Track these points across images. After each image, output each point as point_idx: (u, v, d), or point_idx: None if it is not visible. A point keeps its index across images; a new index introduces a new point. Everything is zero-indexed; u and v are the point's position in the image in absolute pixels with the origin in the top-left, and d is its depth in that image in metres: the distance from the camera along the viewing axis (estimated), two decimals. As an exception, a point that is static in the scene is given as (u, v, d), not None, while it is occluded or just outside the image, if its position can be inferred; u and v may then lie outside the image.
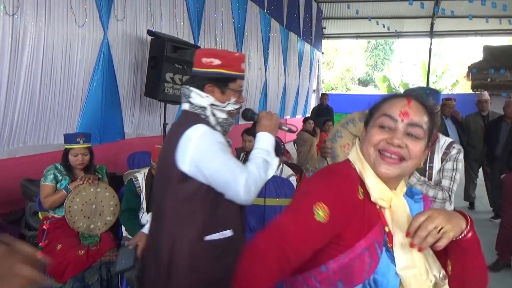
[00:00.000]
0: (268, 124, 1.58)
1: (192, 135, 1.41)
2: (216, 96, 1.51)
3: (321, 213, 0.92)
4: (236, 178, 1.38)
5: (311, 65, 14.50)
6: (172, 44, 4.77)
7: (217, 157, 1.39)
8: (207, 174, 1.40)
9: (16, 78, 3.58)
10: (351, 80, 29.41)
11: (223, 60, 1.49)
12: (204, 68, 1.49)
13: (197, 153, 1.39)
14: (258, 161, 1.48)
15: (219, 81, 1.50)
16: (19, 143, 3.79)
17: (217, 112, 1.51)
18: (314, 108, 9.18)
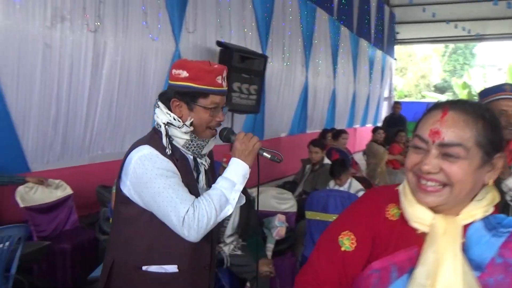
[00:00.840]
0: (242, 149, 1.34)
1: (133, 157, 1.29)
2: (183, 113, 1.34)
3: (346, 242, 0.91)
4: (174, 210, 1.21)
5: (383, 72, 13.91)
6: (240, 54, 4.84)
7: (152, 185, 1.23)
8: (145, 201, 1.28)
9: (96, 90, 3.85)
10: (426, 87, 27.79)
11: (191, 72, 1.30)
12: (173, 81, 1.34)
13: (133, 177, 1.27)
14: (212, 194, 1.28)
15: (186, 95, 1.32)
16: (98, 151, 4.06)
17: (175, 133, 1.33)
18: (386, 117, 8.77)
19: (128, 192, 1.30)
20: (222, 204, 1.28)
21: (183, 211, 1.20)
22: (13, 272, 2.14)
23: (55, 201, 3.21)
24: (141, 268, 1.33)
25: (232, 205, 1.31)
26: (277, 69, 6.96)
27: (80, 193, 3.55)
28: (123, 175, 1.32)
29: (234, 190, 1.31)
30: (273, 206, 3.28)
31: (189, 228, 1.20)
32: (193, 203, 1.23)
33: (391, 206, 0.91)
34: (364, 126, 12.72)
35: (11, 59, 3.15)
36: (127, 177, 1.29)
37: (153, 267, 1.33)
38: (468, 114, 0.83)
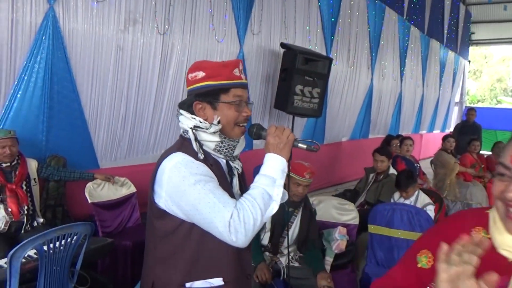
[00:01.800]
0: (276, 143, 1.26)
1: (166, 166, 1.21)
2: (208, 114, 1.28)
3: (424, 260, 0.92)
4: (219, 216, 1.13)
5: (455, 75, 13.01)
6: (303, 56, 4.73)
7: (192, 192, 1.15)
8: (185, 211, 1.19)
9: (162, 90, 3.96)
10: (502, 92, 25.65)
11: (207, 70, 1.26)
12: (191, 85, 1.29)
13: (170, 187, 1.19)
14: (254, 194, 1.19)
15: (207, 95, 1.27)
16: (162, 150, 4.16)
17: (204, 136, 1.27)
18: (458, 124, 8.15)
19: (165, 204, 1.22)
20: (266, 202, 1.20)
21: (228, 215, 1.13)
22: (78, 268, 2.23)
23: (120, 198, 3.33)
24: (184, 285, 1.25)
25: (276, 202, 1.24)
26: (341, 71, 6.74)
27: (143, 190, 3.65)
28: (157, 187, 1.24)
29: (276, 186, 1.23)
30: (333, 217, 3.14)
31: (237, 232, 1.13)
32: (236, 206, 1.16)
33: (478, 229, 0.88)
34: (432, 133, 12.00)
35: (86, 61, 3.32)
36: (162, 188, 1.21)
37: (198, 283, 1.26)
38: None
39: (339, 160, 7.26)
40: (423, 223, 2.93)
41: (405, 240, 2.95)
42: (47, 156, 3.11)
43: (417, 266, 0.92)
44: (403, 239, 2.96)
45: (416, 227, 2.93)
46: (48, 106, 3.13)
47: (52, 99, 3.16)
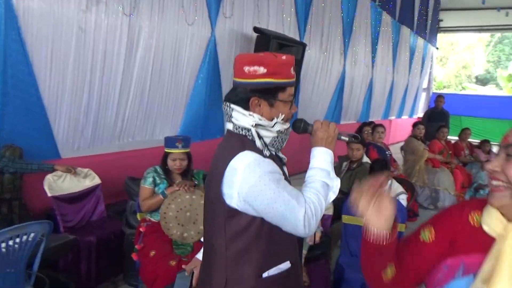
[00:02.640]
0: (325, 137, 1.34)
1: (238, 167, 1.21)
2: (264, 110, 1.29)
3: (426, 234, 1.01)
4: (294, 212, 1.19)
5: (423, 62, 13.23)
6: (277, 41, 4.60)
7: (267, 191, 1.18)
8: (259, 210, 1.21)
9: (129, 76, 3.74)
10: (467, 78, 26.47)
11: (269, 67, 1.25)
12: (248, 79, 1.27)
13: (244, 188, 1.20)
14: (316, 186, 1.28)
15: (266, 93, 1.28)
16: (129, 138, 3.98)
17: (264, 133, 1.30)
18: (427, 111, 8.28)
19: (237, 204, 1.23)
20: (326, 193, 1.29)
21: (302, 211, 1.20)
22: (35, 269, 2.07)
23: (83, 191, 3.15)
24: (261, 276, 1.28)
25: (334, 192, 1.32)
26: (314, 57, 6.66)
27: (109, 181, 3.48)
28: (226, 189, 1.23)
29: (331, 178, 1.32)
30: (307, 208, 3.09)
31: (309, 225, 1.21)
32: (306, 201, 1.23)
33: (475, 212, 0.96)
34: (400, 118, 12.23)
35: (44, 43, 3.06)
36: (234, 189, 1.21)
37: (272, 270, 1.30)
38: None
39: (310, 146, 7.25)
40: (397, 213, 2.92)
41: (378, 230, 2.94)
42: (1, 147, 2.87)
43: (420, 239, 1.01)
44: (376, 229, 2.95)
45: (389, 218, 2.93)
46: (1, 92, 2.88)
47: (6, 83, 2.91)
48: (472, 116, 14.09)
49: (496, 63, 26.75)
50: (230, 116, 1.31)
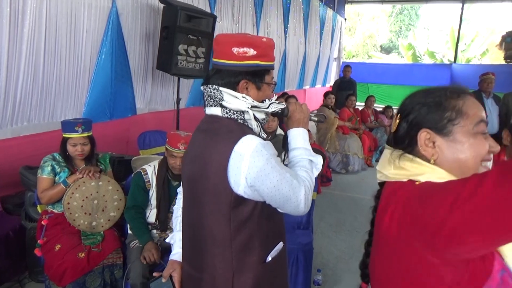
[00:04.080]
0: (302, 118, 1.39)
1: (244, 152, 1.18)
2: (252, 93, 1.29)
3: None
4: (296, 191, 1.22)
5: (333, 32, 13.77)
6: (186, 13, 4.39)
7: (274, 173, 1.19)
8: (265, 193, 1.21)
9: (17, 52, 3.31)
10: (373, 47, 28.28)
11: (259, 49, 1.24)
12: (237, 60, 1.23)
13: (252, 172, 1.18)
14: (305, 164, 1.32)
15: (255, 76, 1.28)
16: (23, 122, 3.57)
17: (258, 115, 1.31)
18: (336, 81, 8.70)
19: (244, 190, 1.20)
20: (313, 170, 1.34)
21: (302, 190, 1.23)
22: None
23: (-30, 185, 2.78)
24: (265, 261, 1.31)
25: (318, 168, 1.36)
26: (226, 29, 6.54)
27: (3, 171, 3.12)
28: (233, 176, 1.19)
29: (313, 155, 1.36)
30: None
31: (307, 202, 1.25)
32: (302, 179, 1.25)
33: None
34: (314, 87, 12.72)
35: None
36: (241, 175, 1.18)
37: (272, 253, 1.34)
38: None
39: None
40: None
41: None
42: None
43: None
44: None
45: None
46: None
47: None
48: (378, 83, 15.16)
49: (398, 32, 28.89)
50: (220, 100, 1.26)
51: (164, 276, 1.45)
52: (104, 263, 2.27)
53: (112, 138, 4.51)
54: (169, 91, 5.22)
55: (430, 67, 16.03)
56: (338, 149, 6.28)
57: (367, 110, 7.45)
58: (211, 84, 1.28)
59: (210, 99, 1.28)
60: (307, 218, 3.04)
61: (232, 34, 1.30)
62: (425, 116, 0.92)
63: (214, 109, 1.28)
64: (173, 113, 4.97)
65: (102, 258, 2.26)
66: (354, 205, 4.87)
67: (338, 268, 3.33)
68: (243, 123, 1.28)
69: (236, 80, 1.25)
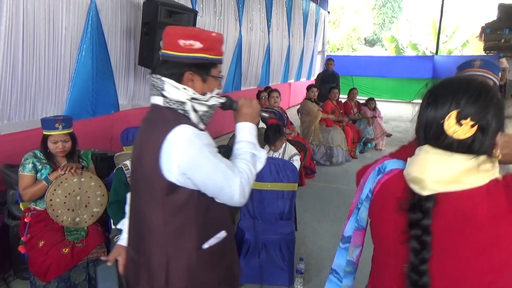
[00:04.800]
0: (250, 113, 1.42)
1: (176, 140, 1.21)
2: (197, 85, 1.31)
3: None
4: (230, 182, 1.24)
5: (317, 25, 13.85)
6: (166, 8, 4.39)
7: (207, 163, 1.22)
8: (198, 182, 1.24)
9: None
10: (357, 40, 28.48)
11: (205, 42, 1.28)
12: (183, 52, 1.26)
13: (184, 161, 1.21)
14: (247, 157, 1.35)
15: (201, 68, 1.30)
16: (3, 120, 3.54)
17: (198, 106, 1.32)
18: (319, 74, 8.77)
19: (177, 178, 1.23)
20: (255, 163, 1.36)
21: (238, 181, 1.24)
22: None
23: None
24: (201, 248, 1.34)
25: (262, 162, 1.39)
26: (208, 24, 6.53)
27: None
28: (165, 163, 1.22)
29: (258, 150, 1.39)
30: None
31: (244, 194, 1.27)
32: (240, 170, 1.28)
33: None
34: (299, 81, 12.79)
35: None
36: (172, 163, 1.21)
37: (211, 241, 1.36)
38: None
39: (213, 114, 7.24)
40: (290, 174, 3.12)
41: (274, 191, 3.11)
42: None
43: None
44: (272, 190, 3.12)
45: (283, 179, 3.11)
46: None
47: None
48: (361, 76, 15.33)
49: (381, 25, 29.14)
50: (161, 89, 1.29)
51: (110, 260, 1.49)
52: (89, 257, 2.30)
53: (96, 135, 4.50)
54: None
55: (412, 59, 16.25)
56: (321, 141, 6.36)
57: (350, 102, 7.54)
58: (156, 74, 1.31)
59: (153, 88, 1.32)
60: (289, 209, 3.10)
61: (181, 27, 1.34)
62: (500, 120, 0.96)
63: (156, 98, 1.31)
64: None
65: (86, 253, 2.29)
66: (338, 195, 4.95)
67: (321, 257, 3.41)
68: (184, 113, 1.30)
69: (181, 71, 1.28)
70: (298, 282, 2.93)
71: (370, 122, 7.38)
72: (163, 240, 1.30)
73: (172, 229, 1.29)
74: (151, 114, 1.35)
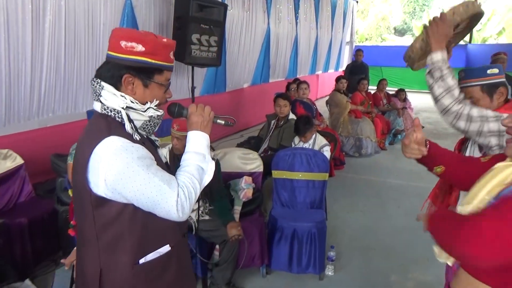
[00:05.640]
0: (200, 122, 1.33)
1: (102, 153, 1.15)
2: (137, 90, 1.25)
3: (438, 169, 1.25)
4: (165, 197, 1.16)
5: (345, 16, 13.66)
6: (197, 3, 4.51)
7: (138, 177, 1.15)
8: (128, 197, 1.17)
9: (40, 46, 3.49)
10: (386, 30, 27.83)
11: (148, 46, 1.21)
12: (123, 54, 1.20)
13: (111, 175, 1.14)
14: (191, 170, 1.26)
15: (142, 72, 1.23)
16: (49, 113, 3.77)
17: (135, 116, 1.25)
18: (348, 65, 8.71)
19: (105, 192, 1.17)
20: (201, 176, 1.28)
21: (174, 195, 1.17)
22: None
23: (4, 173, 2.98)
24: (138, 263, 1.27)
25: (209, 175, 1.31)
26: (237, 17, 6.62)
27: (33, 160, 3.32)
28: (91, 176, 1.17)
29: (206, 161, 1.31)
30: (239, 167, 3.23)
31: (183, 209, 1.18)
32: (179, 185, 1.20)
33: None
34: (326, 72, 12.71)
35: None
36: (99, 177, 1.15)
37: (149, 256, 1.29)
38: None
39: (242, 106, 7.36)
40: (320, 164, 3.18)
41: (305, 180, 3.19)
42: None
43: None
44: (303, 180, 3.19)
45: (314, 168, 3.17)
46: None
47: None
48: (391, 66, 15.04)
49: (412, 13, 28.32)
50: (98, 95, 1.23)
51: (66, 264, 1.52)
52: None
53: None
54: (184, 80, 5.36)
55: (444, 48, 15.76)
56: (350, 132, 6.35)
57: (380, 93, 7.47)
58: (97, 76, 1.25)
59: (93, 92, 1.25)
60: (319, 198, 3.17)
61: (126, 29, 1.31)
62: None
63: (95, 103, 1.25)
64: (188, 101, 5.12)
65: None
66: (367, 187, 4.97)
67: (351, 246, 3.46)
68: (121, 121, 1.23)
69: (119, 73, 1.22)
70: (329, 269, 3.00)
71: (400, 113, 7.30)
72: (96, 253, 1.25)
73: (104, 242, 1.24)
74: (89, 122, 1.30)
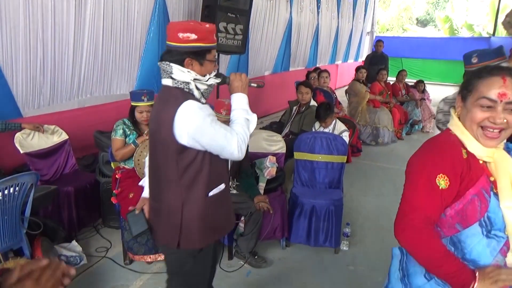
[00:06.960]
0: (240, 85, 1.72)
1: (185, 113, 1.53)
2: (196, 68, 1.61)
3: (442, 183, 1.19)
4: (229, 142, 1.57)
5: (366, 5, 13.63)
6: (225, -8, 4.71)
7: (210, 128, 1.54)
8: (204, 144, 1.56)
9: (81, 33, 3.77)
10: (408, 20, 27.41)
11: (199, 34, 1.57)
12: (182, 43, 1.57)
13: (192, 128, 1.53)
14: (241, 121, 1.66)
15: (197, 54, 1.60)
16: (87, 94, 4.08)
17: (199, 85, 1.63)
18: (368, 55, 8.79)
19: (187, 141, 1.55)
20: (248, 125, 1.67)
21: (235, 140, 1.57)
22: (28, 214, 2.31)
23: (52, 146, 3.29)
24: (207, 195, 1.67)
25: (253, 123, 1.71)
26: (261, 6, 6.80)
27: (75, 136, 3.63)
28: (177, 130, 1.54)
29: (249, 114, 1.71)
30: (264, 148, 3.48)
31: (241, 150, 1.59)
32: (236, 132, 1.60)
33: (462, 149, 1.24)
34: (346, 62, 12.76)
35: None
36: (183, 129, 1.53)
37: (214, 190, 1.70)
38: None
39: (263, 93, 7.56)
40: (340, 147, 3.39)
41: (324, 162, 3.41)
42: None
43: (439, 188, 1.20)
44: (322, 162, 3.41)
45: (334, 151, 3.39)
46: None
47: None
48: (411, 58, 14.96)
49: (435, 4, 27.76)
50: (170, 73, 1.60)
51: (137, 208, 1.83)
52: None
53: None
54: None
55: (467, 41, 15.49)
56: (368, 121, 6.51)
57: (399, 84, 7.57)
58: (164, 61, 1.61)
59: (164, 72, 1.62)
60: (338, 178, 3.39)
61: (180, 22, 1.70)
62: None
63: (166, 80, 1.62)
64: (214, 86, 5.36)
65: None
66: (383, 173, 5.16)
67: (365, 226, 3.68)
68: (189, 92, 1.60)
69: (182, 58, 1.58)
70: (344, 244, 3.24)
71: (418, 104, 7.40)
72: (178, 190, 1.64)
73: (185, 180, 1.63)
74: (163, 94, 1.66)
